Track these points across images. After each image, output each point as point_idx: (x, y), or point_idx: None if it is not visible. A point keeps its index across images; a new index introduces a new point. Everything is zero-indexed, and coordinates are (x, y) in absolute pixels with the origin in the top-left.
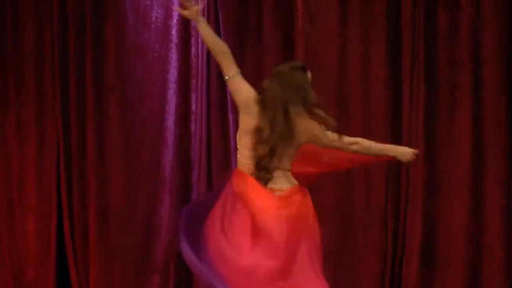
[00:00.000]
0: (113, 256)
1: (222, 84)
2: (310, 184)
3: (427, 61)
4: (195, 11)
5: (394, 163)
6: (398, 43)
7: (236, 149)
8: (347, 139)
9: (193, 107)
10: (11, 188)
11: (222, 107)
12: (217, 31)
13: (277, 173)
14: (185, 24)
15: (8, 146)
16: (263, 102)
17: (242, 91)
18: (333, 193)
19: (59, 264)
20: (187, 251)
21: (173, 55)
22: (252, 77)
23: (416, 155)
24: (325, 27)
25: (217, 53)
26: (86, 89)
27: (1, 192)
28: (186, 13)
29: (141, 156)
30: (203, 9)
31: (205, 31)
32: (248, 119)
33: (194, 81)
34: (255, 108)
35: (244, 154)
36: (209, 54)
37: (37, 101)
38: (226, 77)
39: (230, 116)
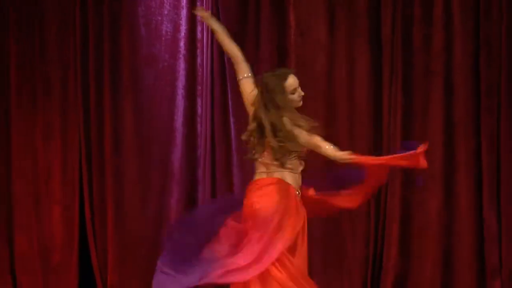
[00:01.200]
0: (128, 241)
1: (224, 90)
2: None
3: (404, 69)
4: (206, 16)
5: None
6: (379, 54)
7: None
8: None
9: (199, 110)
10: (38, 182)
11: (225, 110)
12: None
13: (258, 165)
14: (192, 37)
15: (36, 145)
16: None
17: (245, 92)
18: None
19: (81, 249)
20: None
21: (181, 65)
22: None
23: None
24: (314, 40)
25: (231, 57)
26: (104, 94)
27: (30, 185)
28: (204, 15)
29: (153, 154)
30: (209, 28)
31: (220, 37)
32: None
33: (199, 88)
34: (251, 108)
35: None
36: (213, 63)
37: (61, 105)
38: (237, 79)
39: (231, 119)
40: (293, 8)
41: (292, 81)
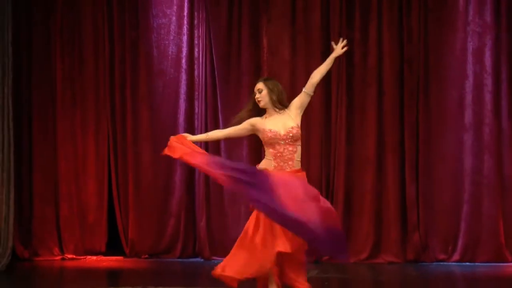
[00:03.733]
0: (144, 206)
1: (215, 95)
2: None
3: (348, 79)
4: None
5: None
6: (329, 69)
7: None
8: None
9: (196, 110)
10: (78, 162)
11: (215, 110)
12: (212, 59)
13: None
14: (191, 57)
15: (76, 135)
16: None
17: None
18: None
19: (109, 212)
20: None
21: (183, 76)
22: (234, 90)
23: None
24: (281, 58)
25: (320, 77)
26: (126, 98)
27: (71, 165)
28: (339, 51)
29: (162, 142)
30: (203, 46)
31: (329, 66)
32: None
33: (196, 93)
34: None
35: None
36: (206, 76)
37: (95, 106)
38: (311, 94)
39: (220, 116)
40: (265, 35)
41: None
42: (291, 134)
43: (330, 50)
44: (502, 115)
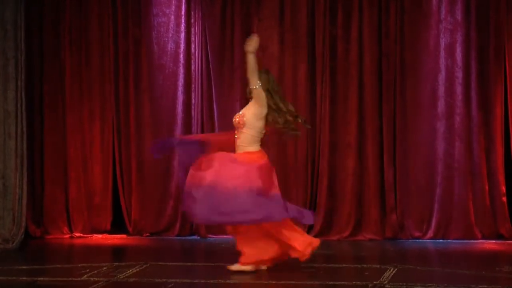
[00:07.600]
0: (145, 189)
1: (210, 87)
2: None
3: (331, 72)
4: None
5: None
6: (314, 63)
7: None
8: None
9: (193, 101)
10: (85, 150)
11: (210, 101)
12: (207, 55)
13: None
14: (188, 52)
15: (83, 124)
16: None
17: (262, 93)
18: (275, 150)
19: (114, 194)
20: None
21: (181, 70)
22: (228, 83)
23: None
24: (270, 54)
25: (251, 72)
26: (129, 90)
27: (79, 151)
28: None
29: (162, 130)
30: (199, 43)
31: (253, 60)
32: (262, 109)
33: (193, 86)
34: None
35: (261, 132)
36: (202, 69)
37: (100, 97)
38: (254, 87)
39: (215, 106)
40: (256, 32)
41: None
42: (235, 121)
43: (315, 46)
44: (471, 105)
